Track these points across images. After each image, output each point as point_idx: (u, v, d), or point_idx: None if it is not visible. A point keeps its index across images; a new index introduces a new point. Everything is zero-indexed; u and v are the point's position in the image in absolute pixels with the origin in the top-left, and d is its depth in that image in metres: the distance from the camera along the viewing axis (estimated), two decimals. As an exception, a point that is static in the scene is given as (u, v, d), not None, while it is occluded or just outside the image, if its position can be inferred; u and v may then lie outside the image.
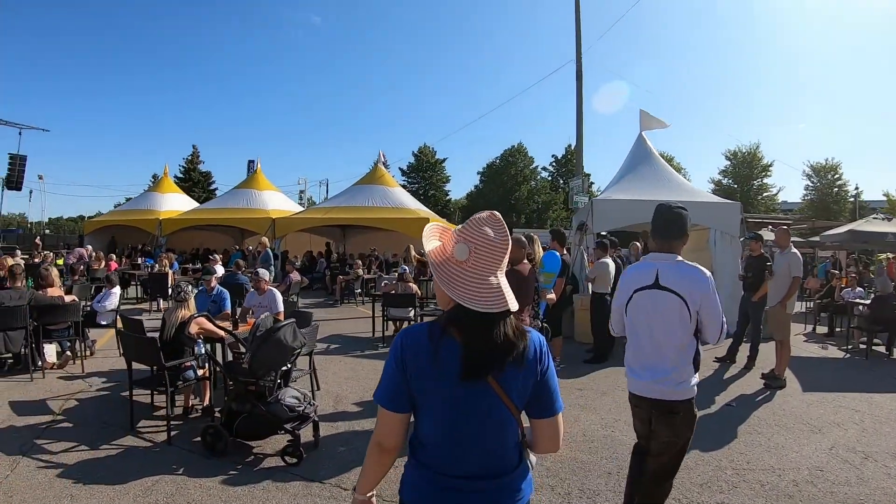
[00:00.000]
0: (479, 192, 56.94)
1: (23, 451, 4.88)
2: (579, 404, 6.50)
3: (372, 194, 21.26)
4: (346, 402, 6.51)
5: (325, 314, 13.71)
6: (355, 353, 9.13)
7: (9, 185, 27.13)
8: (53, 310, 7.59)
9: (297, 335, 4.93)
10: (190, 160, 54.53)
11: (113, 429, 5.47)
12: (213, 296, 7.88)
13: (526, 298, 5.36)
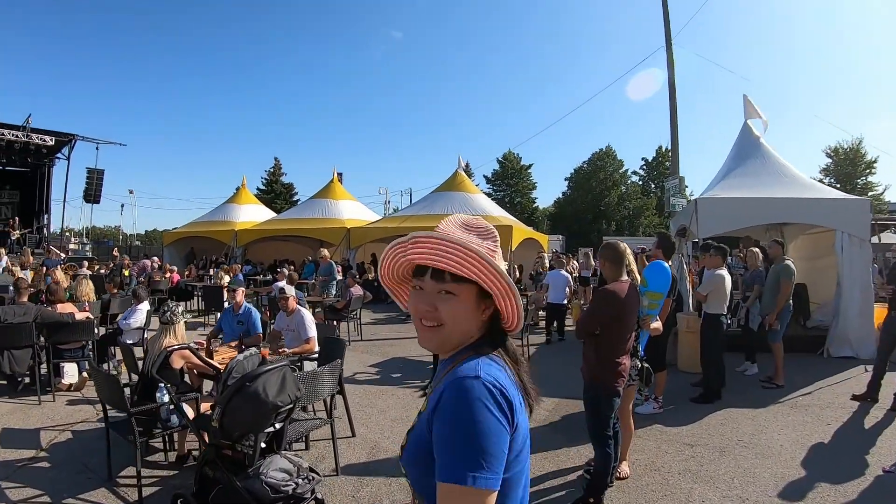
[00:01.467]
0: (566, 198, 57.83)
1: None
2: (691, 470, 5.20)
3: (451, 201, 20.73)
4: (384, 453, 5.62)
5: (393, 332, 13.31)
6: (413, 385, 8.26)
7: (87, 199, 29.08)
8: (63, 327, 7.40)
9: (285, 386, 3.89)
10: (272, 172, 58.75)
11: (90, 477, 5.03)
12: (239, 315, 7.32)
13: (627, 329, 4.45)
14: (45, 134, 25.41)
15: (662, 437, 6.03)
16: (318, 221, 22.45)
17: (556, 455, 5.49)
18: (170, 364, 5.06)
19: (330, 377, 5.10)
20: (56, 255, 19.47)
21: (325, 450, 5.41)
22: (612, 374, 4.27)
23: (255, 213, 26.35)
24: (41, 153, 26.65)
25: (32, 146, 25.16)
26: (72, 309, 8.08)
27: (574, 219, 54.05)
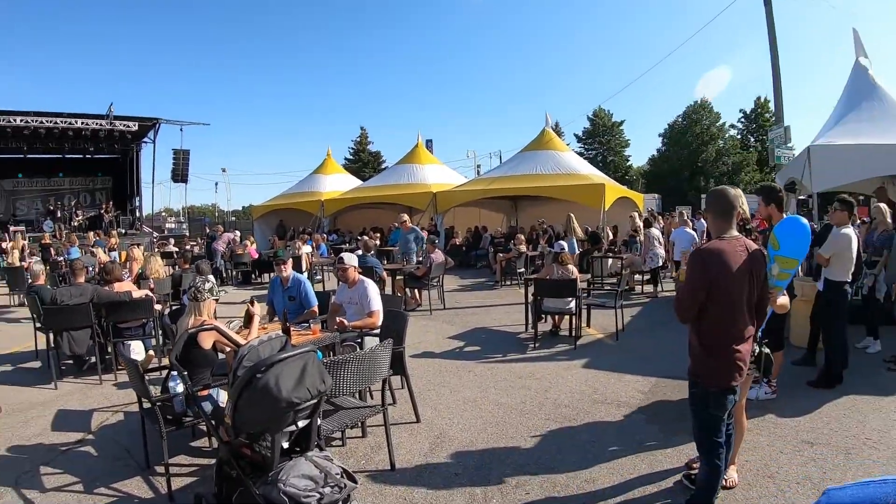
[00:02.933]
0: (661, 155, 56.35)
1: (17, 481, 4.73)
2: (812, 479, 4.22)
3: (540, 160, 20.33)
4: (448, 443, 5.14)
5: (478, 299, 12.93)
6: (494, 358, 7.85)
7: (175, 179, 31.01)
8: (120, 307, 7.58)
9: (305, 378, 3.35)
10: (359, 142, 61.01)
11: (127, 464, 5.02)
12: (288, 288, 7.06)
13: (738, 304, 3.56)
14: (128, 120, 26.98)
15: (777, 431, 5.11)
16: (404, 187, 22.73)
17: (651, 453, 4.76)
18: (200, 345, 4.83)
19: (382, 358, 4.56)
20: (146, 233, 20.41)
21: (383, 437, 4.91)
22: (724, 366, 3.51)
23: (342, 183, 27.05)
24: (126, 139, 28.40)
25: (117, 133, 26.80)
26: (129, 287, 8.33)
27: (670, 176, 52.69)
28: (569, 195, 18.29)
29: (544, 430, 5.26)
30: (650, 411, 5.69)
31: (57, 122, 25.27)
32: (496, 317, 10.63)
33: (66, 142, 27.68)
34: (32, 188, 30.99)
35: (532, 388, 6.41)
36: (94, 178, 32.17)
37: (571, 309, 8.48)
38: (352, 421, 4.60)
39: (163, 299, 9.62)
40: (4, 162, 29.33)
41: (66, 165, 31.29)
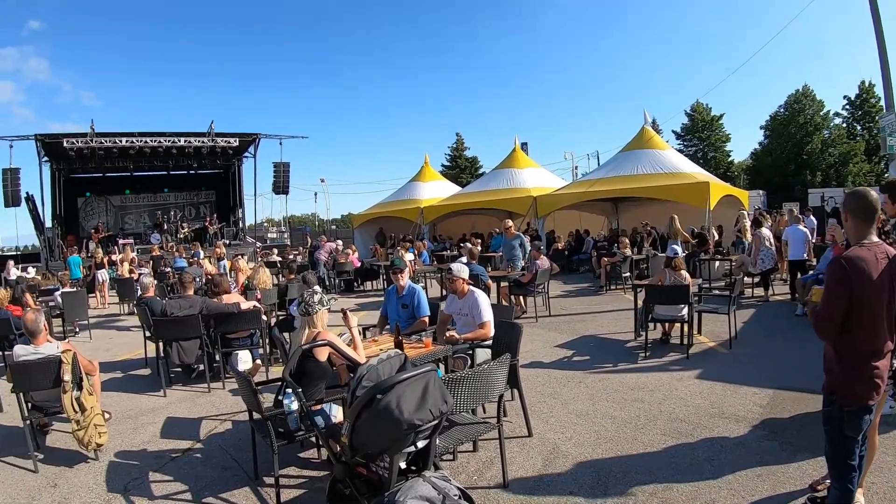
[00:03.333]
0: (764, 149, 54.70)
1: (126, 488, 4.83)
2: None
3: (640, 160, 19.81)
4: (562, 459, 4.88)
5: (584, 305, 12.63)
6: (604, 368, 7.56)
7: (276, 191, 31.88)
8: (228, 318, 7.77)
9: (427, 399, 3.25)
10: (455, 148, 61.99)
11: (236, 474, 5.00)
12: (403, 297, 6.96)
13: (878, 316, 3.22)
14: (229, 136, 28.14)
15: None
16: (503, 192, 22.66)
17: (772, 473, 4.41)
18: (315, 357, 4.74)
19: (499, 374, 4.41)
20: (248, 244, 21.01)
21: (495, 452, 4.79)
22: (862, 383, 3.19)
23: (440, 189, 27.23)
24: (228, 154, 29.54)
25: (219, 149, 27.95)
26: (237, 299, 8.49)
27: (774, 171, 50.99)
28: (672, 195, 17.74)
29: (660, 445, 5.00)
30: (769, 426, 5.31)
31: (161, 142, 26.66)
32: (603, 324, 10.30)
33: (170, 159, 29.15)
34: (140, 203, 32.80)
35: (645, 400, 6.16)
36: (198, 193, 33.74)
37: (684, 316, 8.09)
38: (466, 437, 4.46)
39: (269, 309, 9.69)
40: (113, 180, 31.49)
41: (172, 181, 33.07)
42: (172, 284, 14.05)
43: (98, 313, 15.36)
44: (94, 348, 10.63)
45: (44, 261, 24.56)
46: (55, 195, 27.29)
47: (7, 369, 5.49)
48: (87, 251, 24.24)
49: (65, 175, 28.26)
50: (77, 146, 24.61)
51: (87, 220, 30.94)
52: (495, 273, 12.52)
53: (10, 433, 6.29)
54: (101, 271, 17.72)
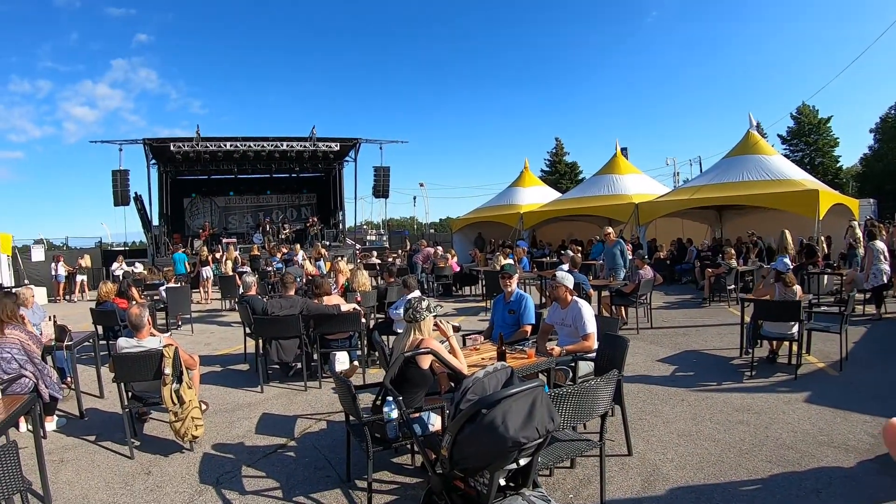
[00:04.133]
0: (875, 154, 51.62)
1: (218, 480, 4.93)
2: None
3: (745, 166, 19.28)
4: (662, 481, 4.63)
5: (688, 318, 12.17)
6: (708, 386, 7.20)
7: (376, 194, 32.56)
8: (328, 319, 7.88)
9: (534, 416, 3.14)
10: (554, 153, 61.51)
11: (328, 475, 4.99)
12: (511, 303, 6.87)
13: None
14: (330, 141, 28.77)
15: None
16: (604, 199, 22.40)
17: None
18: (418, 365, 4.65)
19: (605, 391, 4.24)
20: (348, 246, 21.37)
21: (593, 470, 4.70)
22: None
23: (540, 195, 27.17)
24: (329, 158, 30.31)
25: (320, 153, 28.63)
26: (338, 301, 8.59)
27: (886, 177, 47.45)
28: (779, 203, 17.12)
29: (765, 473, 4.71)
30: (882, 460, 4.88)
31: (264, 146, 27.65)
32: (707, 339, 9.84)
33: (273, 163, 30.13)
34: (243, 205, 34.25)
35: (751, 423, 5.83)
36: (299, 195, 34.88)
37: (794, 335, 7.67)
38: (567, 455, 4.26)
39: (368, 312, 9.72)
40: (218, 182, 33.01)
41: (274, 184, 34.42)
42: (273, 284, 14.42)
43: (200, 308, 16.12)
44: (194, 342, 11.10)
45: (150, 257, 25.94)
46: (162, 196, 28.78)
47: (110, 359, 5.68)
48: (191, 249, 25.50)
49: (172, 177, 29.87)
50: (183, 150, 25.88)
51: (192, 219, 32.63)
52: (596, 282, 12.13)
53: (110, 419, 6.59)
54: (205, 268, 18.64)
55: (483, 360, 5.45)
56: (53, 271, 21.36)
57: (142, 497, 4.63)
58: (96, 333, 8.57)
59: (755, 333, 7.97)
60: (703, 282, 15.06)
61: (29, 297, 8.52)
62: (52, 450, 5.64)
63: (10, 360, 5.54)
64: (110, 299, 9.72)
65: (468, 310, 14.00)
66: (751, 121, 21.59)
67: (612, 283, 11.53)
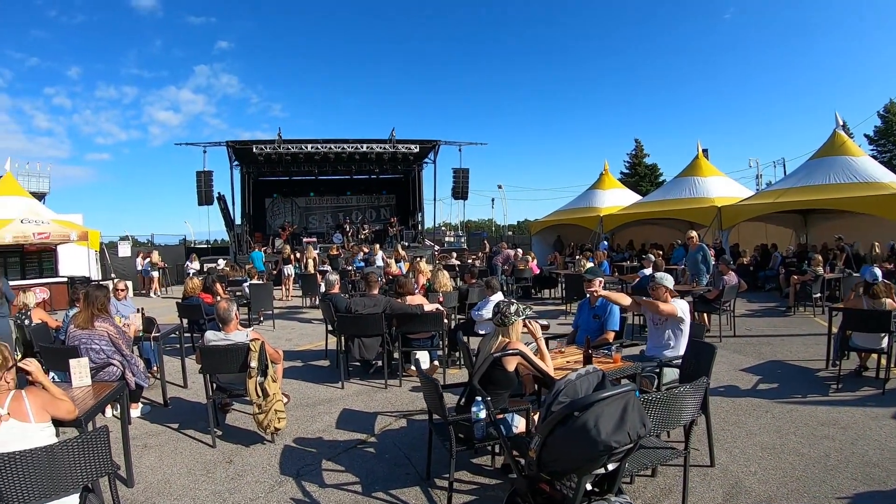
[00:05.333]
0: None
1: (299, 472, 5.02)
2: None
3: (832, 168, 18.14)
4: (745, 495, 4.48)
5: (771, 326, 11.70)
6: (793, 398, 6.89)
7: (455, 196, 32.73)
8: (412, 319, 7.92)
9: (626, 421, 3.09)
10: (634, 154, 60.19)
11: (408, 472, 5.00)
12: (596, 308, 6.73)
13: None
14: (410, 143, 29.00)
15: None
16: (685, 202, 21.78)
17: None
18: (504, 367, 4.62)
19: (692, 399, 4.17)
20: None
21: (674, 480, 4.61)
22: None
23: (620, 198, 26.70)
24: (409, 160, 30.64)
25: (400, 155, 28.93)
26: (421, 301, 8.64)
27: None
28: (868, 208, 16.16)
29: (850, 491, 4.51)
30: None
31: (344, 148, 28.10)
32: (792, 349, 9.43)
33: (353, 164, 30.73)
34: (323, 205, 35.05)
35: (836, 438, 5.60)
36: (379, 196, 35.41)
37: (883, 347, 7.34)
38: (651, 462, 4.23)
39: (449, 312, 9.69)
40: (299, 183, 33.89)
41: (354, 185, 35.03)
42: (354, 282, 14.60)
43: (282, 305, 16.53)
44: (276, 337, 11.37)
45: (232, 254, 26.84)
46: (245, 196, 29.69)
47: (196, 351, 5.85)
48: (272, 247, 26.20)
49: (254, 178, 30.83)
50: (265, 152, 26.64)
51: (273, 218, 33.55)
52: (679, 287, 11.74)
53: (193, 409, 6.82)
54: (287, 266, 19.17)
55: (568, 363, 5.36)
56: (139, 266, 22.51)
57: (222, 485, 4.74)
58: (182, 326, 8.86)
59: (843, 345, 7.70)
60: (787, 289, 14.46)
61: (122, 290, 8.91)
62: (137, 435, 5.85)
63: (98, 351, 5.83)
64: (196, 294, 10.05)
65: (547, 313, 13.83)
66: (837, 120, 20.55)
67: (694, 289, 11.19)
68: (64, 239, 18.73)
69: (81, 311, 6.03)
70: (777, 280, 16.76)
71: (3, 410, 3.18)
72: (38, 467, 2.95)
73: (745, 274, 16.46)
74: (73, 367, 4.93)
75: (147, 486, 4.74)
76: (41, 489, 2.97)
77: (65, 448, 3.08)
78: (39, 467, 2.95)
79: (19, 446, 3.01)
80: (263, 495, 4.53)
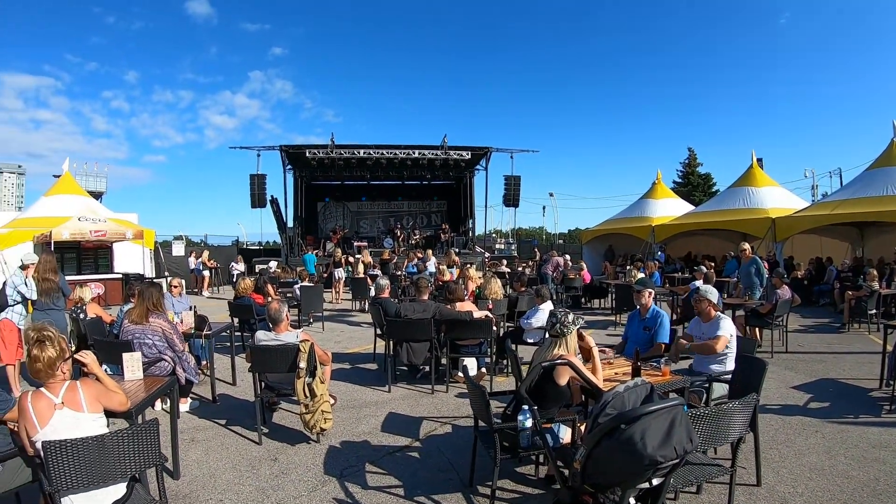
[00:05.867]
0: None
1: (342, 473, 5.07)
2: None
3: (890, 179, 17.66)
4: None
5: (824, 343, 11.32)
6: (845, 419, 6.64)
7: (506, 203, 32.75)
8: (460, 325, 7.92)
9: (672, 435, 3.05)
10: (687, 164, 59.75)
11: (450, 478, 5.00)
12: (646, 319, 6.64)
13: None
14: (461, 150, 29.14)
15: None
16: (739, 213, 21.43)
17: None
18: (555, 380, 4.59)
19: (741, 416, 4.10)
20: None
21: (719, 498, 4.55)
22: None
23: (672, 207, 26.44)
24: (460, 167, 30.70)
25: (451, 162, 29.08)
26: (471, 307, 8.65)
27: None
28: None
29: None
30: None
31: (397, 154, 28.36)
32: (845, 367, 9.11)
33: (405, 170, 30.93)
34: (374, 210, 35.28)
35: (887, 461, 5.40)
36: (430, 202, 35.63)
37: None
38: (696, 479, 4.09)
39: (498, 320, 9.66)
40: (351, 187, 34.30)
41: (406, 190, 35.16)
42: (405, 287, 14.67)
43: (331, 307, 16.70)
44: (325, 339, 11.49)
45: (284, 256, 27.28)
46: (297, 199, 30.16)
47: (246, 350, 5.98)
48: (324, 250, 26.50)
49: (306, 182, 31.11)
50: (318, 156, 26.99)
51: (325, 222, 33.92)
52: (730, 300, 11.47)
53: (241, 406, 6.97)
54: (338, 270, 19.35)
55: (616, 374, 5.29)
56: (191, 265, 23.11)
57: (267, 482, 4.80)
58: (233, 325, 9.02)
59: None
60: (842, 305, 13.99)
61: (177, 288, 9.12)
62: (185, 429, 6.00)
63: (151, 346, 5.99)
64: (247, 294, 10.22)
65: (597, 323, 13.68)
66: (895, 129, 19.93)
67: (746, 303, 10.93)
68: (120, 237, 19.32)
69: (136, 307, 6.20)
70: (831, 295, 16.35)
71: (58, 399, 3.27)
72: (88, 455, 3.05)
73: (799, 288, 15.89)
74: (126, 360, 5.09)
75: (192, 479, 4.85)
76: (90, 476, 3.06)
77: (115, 438, 3.17)
78: (89, 455, 3.05)
79: (71, 434, 3.12)
80: (306, 494, 4.58)
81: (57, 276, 7.77)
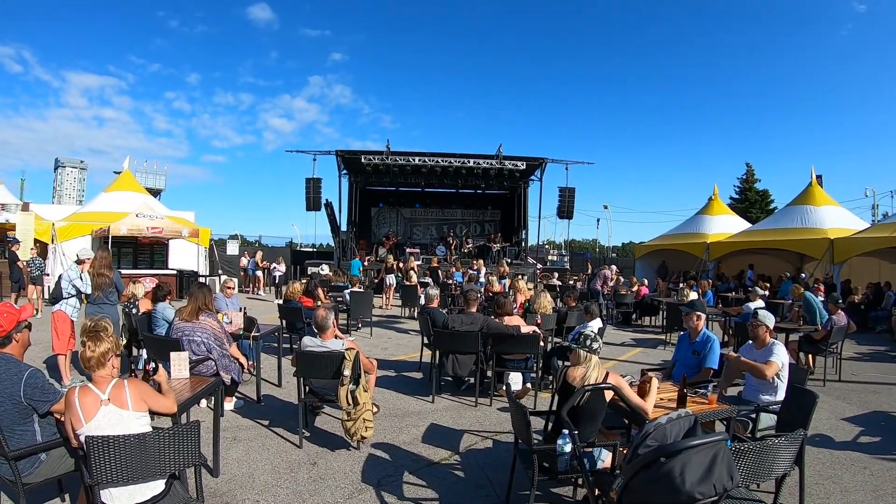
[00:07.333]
0: None
1: (380, 482, 5.07)
2: None
3: None
4: None
5: (879, 373, 10.82)
6: (894, 455, 6.26)
7: (560, 215, 32.29)
8: (507, 339, 7.90)
9: (713, 471, 2.98)
10: (745, 179, 58.11)
11: (487, 494, 4.93)
12: (696, 343, 6.45)
13: None
14: (517, 160, 29.12)
15: None
16: (796, 232, 20.95)
17: None
18: (598, 399, 4.47)
19: (787, 452, 3.94)
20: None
21: None
22: None
23: (728, 224, 26.00)
24: (515, 177, 30.59)
25: (506, 171, 29.10)
26: (518, 322, 8.62)
27: None
28: None
29: None
30: None
31: (451, 162, 28.48)
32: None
33: (459, 178, 31.07)
34: (428, 217, 35.54)
35: None
36: (484, 211, 35.68)
37: None
38: None
39: (546, 335, 9.56)
40: (405, 194, 34.48)
41: (459, 199, 35.30)
42: (454, 297, 14.66)
43: (381, 314, 16.75)
44: (372, 345, 11.57)
45: (336, 259, 27.78)
46: (351, 204, 30.55)
47: (293, 354, 6.05)
48: (376, 256, 26.72)
49: (361, 187, 31.49)
50: (373, 162, 27.28)
51: (378, 227, 34.28)
52: (783, 325, 11.09)
53: (284, 408, 7.06)
54: (389, 276, 19.51)
55: (661, 399, 5.12)
56: (244, 264, 23.53)
57: (304, 485, 4.86)
58: (281, 327, 9.15)
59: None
60: (899, 332, 13.39)
61: (230, 288, 9.30)
62: (227, 427, 6.12)
63: (199, 344, 6.16)
64: (296, 298, 10.36)
65: (646, 341, 13.45)
66: None
67: (800, 327, 10.59)
68: (175, 234, 19.91)
69: (188, 305, 6.39)
70: (889, 322, 15.69)
71: (105, 396, 3.36)
72: (129, 452, 3.13)
73: (856, 313, 15.31)
74: (174, 359, 5.22)
75: (231, 478, 4.94)
76: (130, 473, 3.15)
77: (156, 437, 3.25)
78: (130, 452, 3.13)
79: (114, 431, 3.20)
80: (342, 501, 4.60)
81: (111, 272, 8.01)
